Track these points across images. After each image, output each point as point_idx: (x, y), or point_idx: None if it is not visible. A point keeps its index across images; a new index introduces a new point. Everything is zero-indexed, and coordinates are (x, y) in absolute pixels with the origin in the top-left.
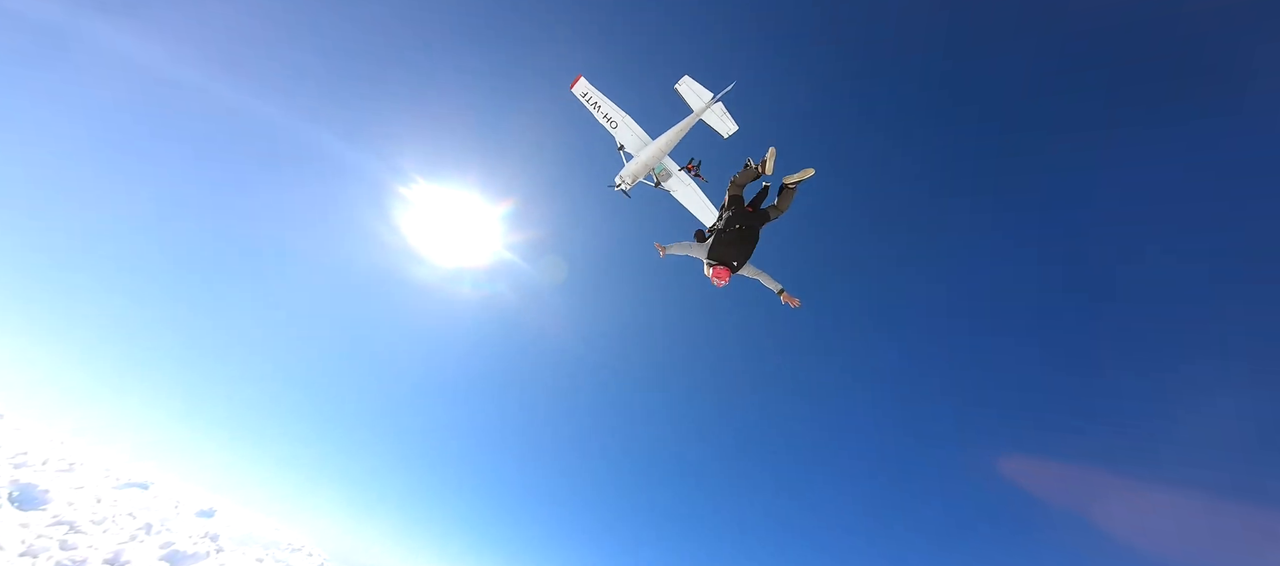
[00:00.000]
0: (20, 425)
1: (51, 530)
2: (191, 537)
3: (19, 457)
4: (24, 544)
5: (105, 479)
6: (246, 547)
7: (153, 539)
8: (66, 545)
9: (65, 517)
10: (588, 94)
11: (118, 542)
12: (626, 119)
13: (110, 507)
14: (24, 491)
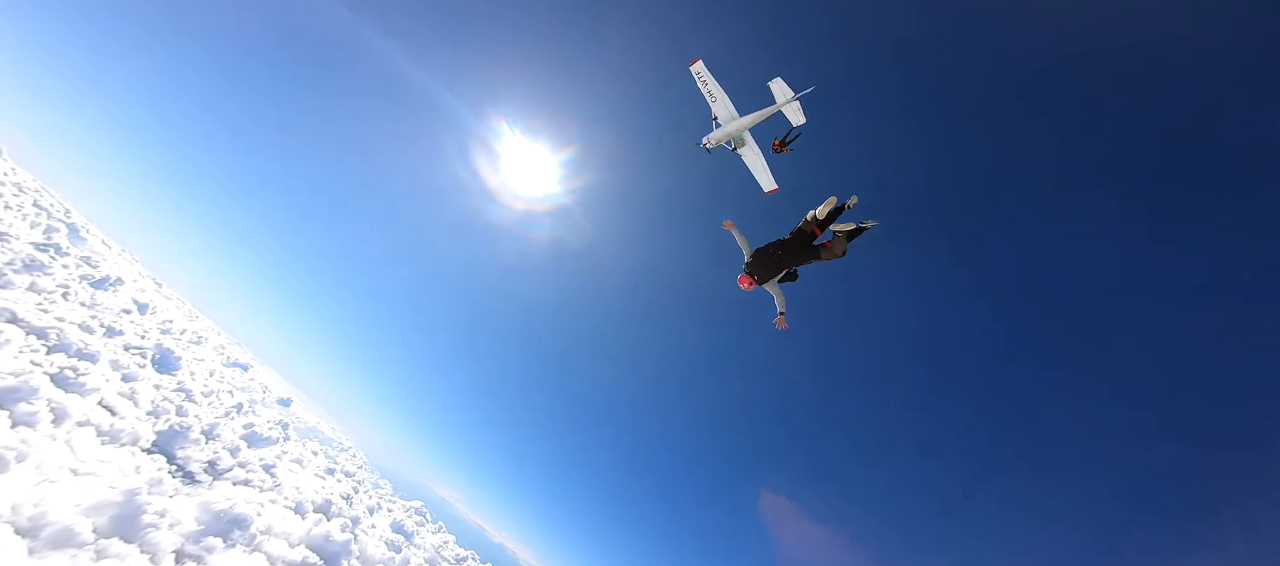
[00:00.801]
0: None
1: (174, 395)
2: (268, 423)
3: (165, 324)
4: (153, 403)
5: (218, 356)
6: (307, 440)
7: (240, 418)
8: (181, 411)
9: (186, 385)
10: (701, 73)
11: (215, 416)
12: (723, 96)
13: (217, 382)
14: (164, 355)
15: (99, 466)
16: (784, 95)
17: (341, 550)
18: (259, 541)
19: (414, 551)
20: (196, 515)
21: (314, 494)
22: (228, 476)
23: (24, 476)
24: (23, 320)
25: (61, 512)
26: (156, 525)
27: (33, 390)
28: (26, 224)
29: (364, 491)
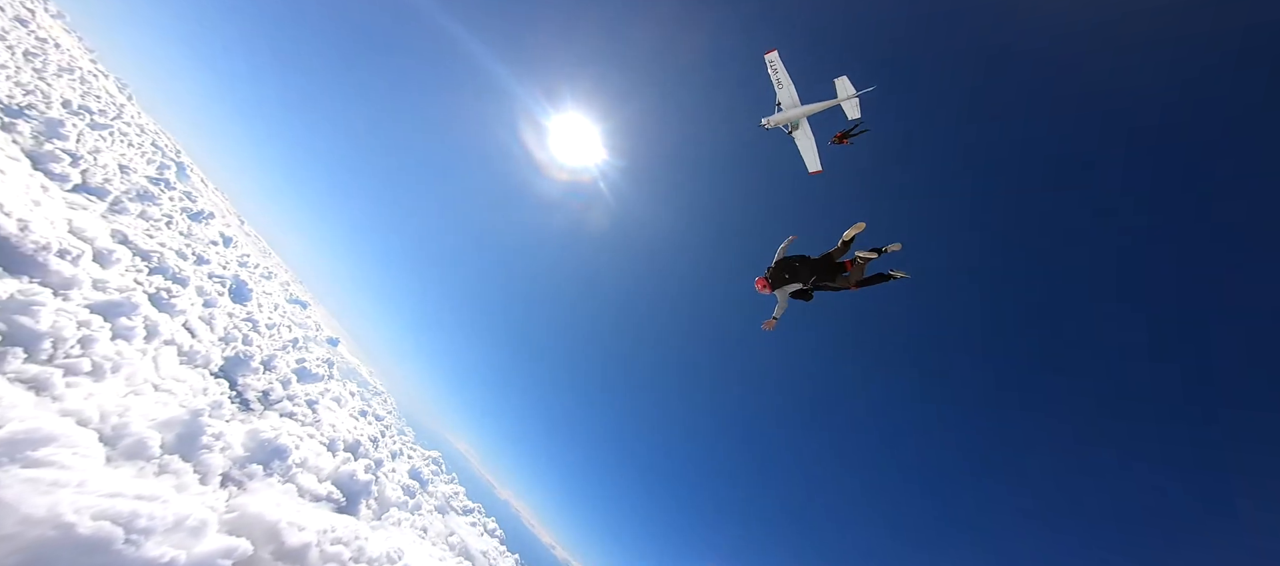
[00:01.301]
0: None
1: (243, 324)
2: (317, 360)
3: (243, 258)
4: (224, 330)
5: (283, 291)
6: (346, 381)
7: (293, 353)
8: (247, 339)
9: (253, 316)
10: (774, 62)
11: (274, 348)
12: (790, 84)
13: (279, 316)
14: (239, 286)
15: (175, 384)
16: (846, 91)
17: (363, 490)
18: (293, 473)
19: (426, 498)
20: (245, 441)
21: (347, 433)
22: (277, 407)
23: (115, 387)
24: (132, 242)
25: (139, 425)
26: (211, 447)
27: (133, 306)
28: (144, 160)
29: (389, 436)
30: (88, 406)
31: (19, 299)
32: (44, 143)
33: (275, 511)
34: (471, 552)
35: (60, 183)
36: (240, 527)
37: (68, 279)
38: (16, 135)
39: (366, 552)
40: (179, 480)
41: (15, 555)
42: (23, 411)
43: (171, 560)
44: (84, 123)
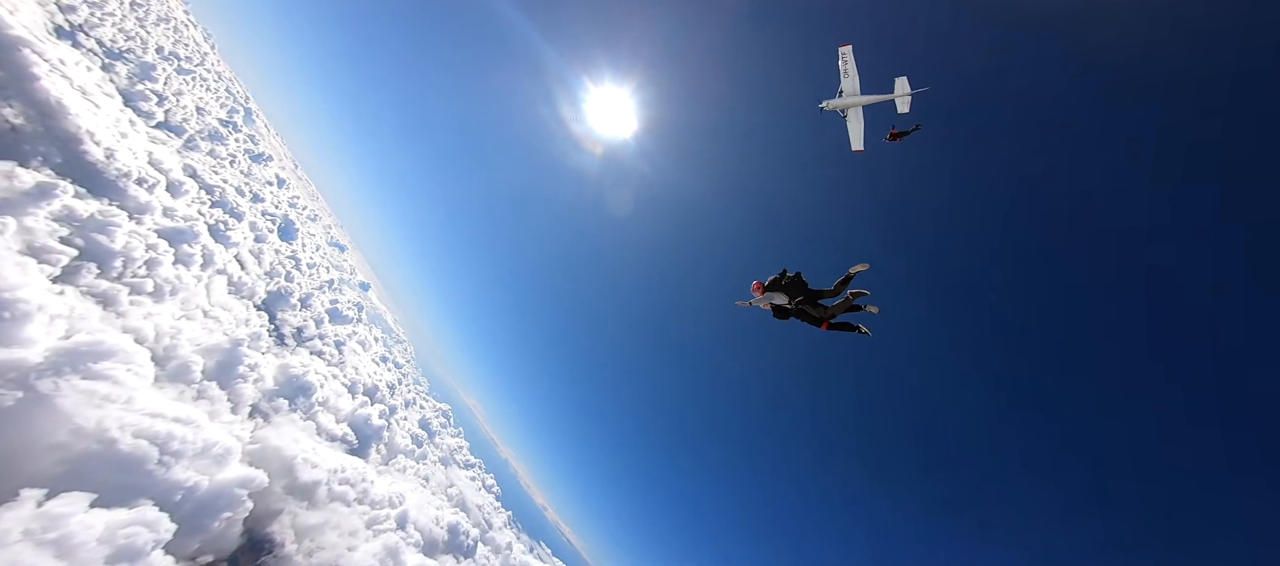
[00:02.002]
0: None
1: (287, 261)
2: (349, 303)
3: (294, 199)
4: (269, 265)
5: (325, 234)
6: (373, 326)
7: (328, 294)
8: (289, 276)
9: (297, 254)
10: (846, 55)
11: (311, 287)
12: (855, 76)
13: (319, 257)
14: (287, 225)
15: (222, 312)
16: (903, 90)
17: (375, 434)
18: (315, 411)
19: (432, 449)
20: (276, 375)
21: (367, 377)
22: (308, 344)
23: (171, 309)
24: (200, 176)
25: (186, 349)
26: (246, 377)
27: (195, 235)
28: (218, 103)
29: (405, 385)
30: (146, 325)
31: (98, 219)
32: (137, 83)
33: (293, 447)
34: (468, 505)
35: (146, 119)
36: (260, 459)
37: (142, 205)
38: (114, 75)
39: (370, 495)
40: (213, 407)
41: (60, 466)
42: (90, 324)
43: (195, 485)
44: (172, 67)
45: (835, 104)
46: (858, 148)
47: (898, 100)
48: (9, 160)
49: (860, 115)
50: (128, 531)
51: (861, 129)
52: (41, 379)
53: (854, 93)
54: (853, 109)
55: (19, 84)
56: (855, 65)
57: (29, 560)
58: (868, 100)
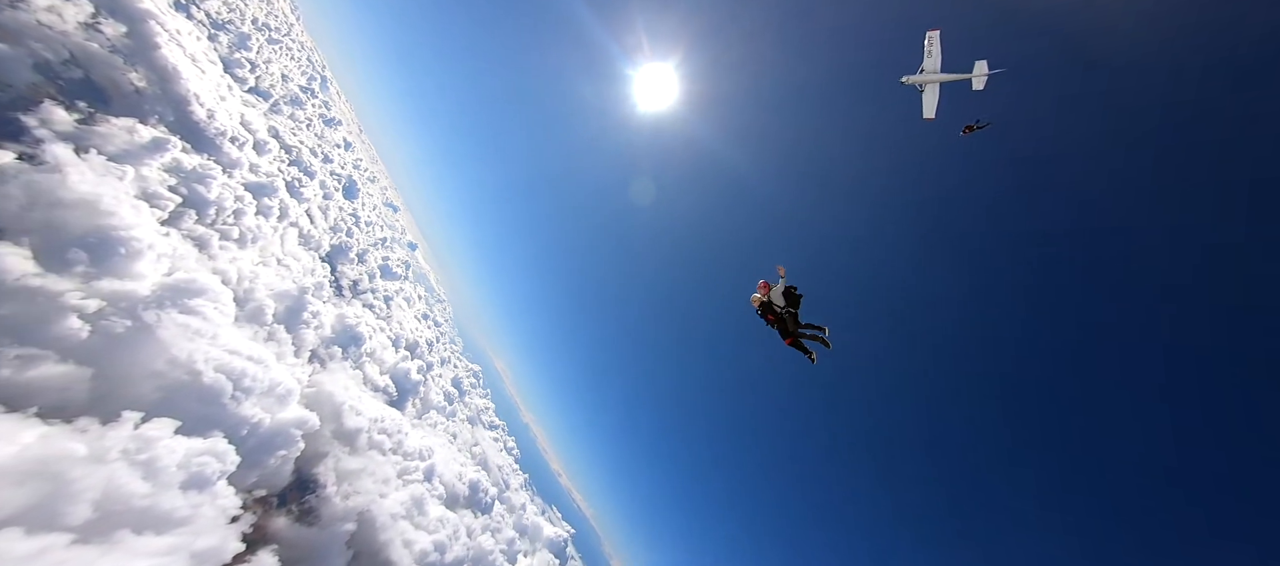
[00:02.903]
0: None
1: (348, 218)
2: (398, 261)
3: (357, 161)
4: (334, 221)
5: (382, 195)
6: (418, 284)
7: (380, 250)
8: (349, 233)
9: (358, 213)
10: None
11: (366, 244)
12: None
13: (375, 216)
14: (350, 185)
15: (293, 261)
16: (981, 70)
17: (412, 389)
18: (362, 360)
19: (461, 407)
20: (333, 323)
21: (410, 332)
22: (361, 297)
23: (251, 255)
24: (281, 137)
25: (262, 293)
26: (309, 323)
27: (274, 190)
28: (299, 71)
29: (442, 343)
30: (231, 268)
31: (199, 171)
32: (235, 51)
33: (343, 393)
34: (490, 465)
35: (240, 84)
36: (314, 402)
37: (233, 160)
38: (217, 44)
39: (404, 446)
40: (279, 348)
41: (156, 392)
42: (188, 263)
43: (259, 421)
44: (264, 37)
45: (915, 79)
46: (929, 116)
47: (975, 80)
48: (132, 117)
49: (937, 90)
50: (200, 460)
51: (936, 102)
52: (147, 310)
53: (935, 71)
54: (931, 85)
55: (145, 52)
56: (939, 48)
57: (123, 478)
58: (947, 77)
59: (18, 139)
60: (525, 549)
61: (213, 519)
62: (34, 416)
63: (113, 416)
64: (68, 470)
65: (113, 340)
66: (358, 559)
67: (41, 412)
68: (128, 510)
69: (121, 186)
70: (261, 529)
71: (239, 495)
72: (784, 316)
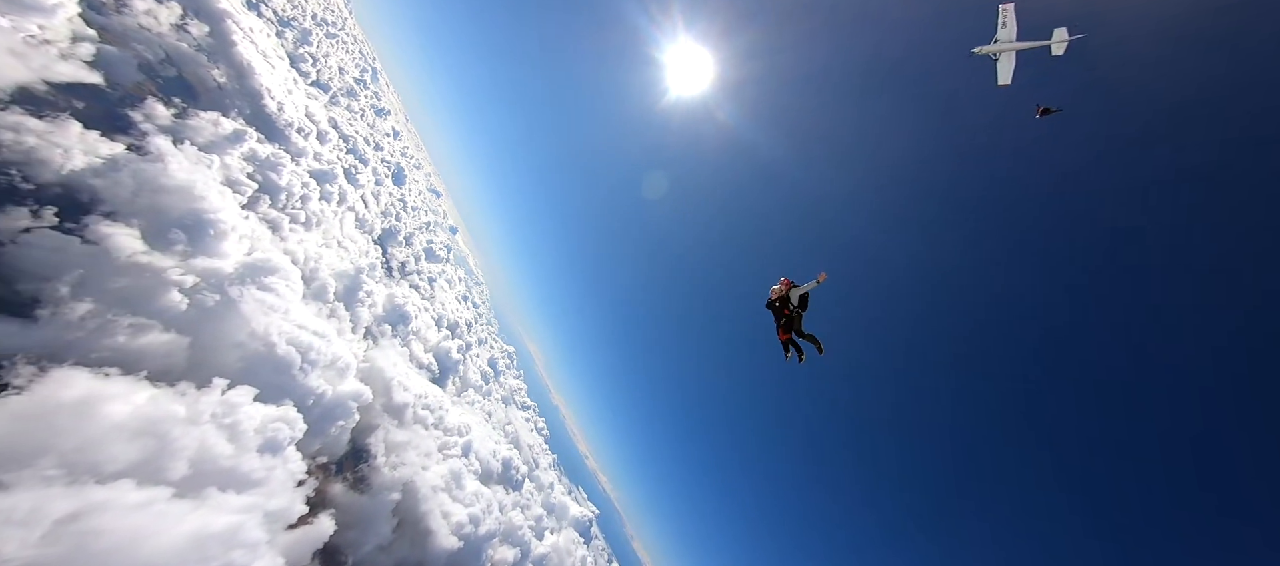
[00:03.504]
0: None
1: (397, 203)
2: (441, 244)
3: (405, 149)
4: (385, 205)
5: (426, 181)
6: (458, 266)
7: (424, 234)
8: (398, 217)
9: (406, 198)
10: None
11: (414, 227)
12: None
13: (420, 201)
14: (398, 172)
15: (350, 243)
16: (1060, 37)
17: (453, 366)
18: (410, 338)
19: (496, 387)
20: (384, 302)
21: (451, 313)
22: (408, 278)
23: (315, 237)
24: (339, 127)
25: (325, 272)
26: (364, 301)
27: (334, 176)
28: (354, 64)
29: (480, 324)
30: (299, 249)
31: (271, 160)
32: (299, 46)
33: (392, 369)
34: (521, 444)
35: (304, 77)
36: (368, 376)
37: (300, 149)
38: (284, 40)
39: (444, 422)
40: (339, 325)
41: (239, 361)
42: (264, 244)
43: (321, 392)
44: (323, 32)
45: (988, 49)
46: (1005, 82)
47: (1054, 46)
48: (216, 111)
49: (1013, 58)
50: (274, 426)
51: (1012, 69)
52: (232, 286)
53: (1010, 40)
54: (1006, 53)
55: (224, 49)
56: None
57: (212, 440)
58: (1022, 46)
59: (127, 131)
60: (552, 526)
61: (283, 482)
62: (144, 379)
63: (205, 382)
64: (170, 430)
65: (205, 312)
66: (401, 527)
67: (150, 376)
68: (215, 469)
69: (210, 174)
70: (322, 493)
71: (305, 461)
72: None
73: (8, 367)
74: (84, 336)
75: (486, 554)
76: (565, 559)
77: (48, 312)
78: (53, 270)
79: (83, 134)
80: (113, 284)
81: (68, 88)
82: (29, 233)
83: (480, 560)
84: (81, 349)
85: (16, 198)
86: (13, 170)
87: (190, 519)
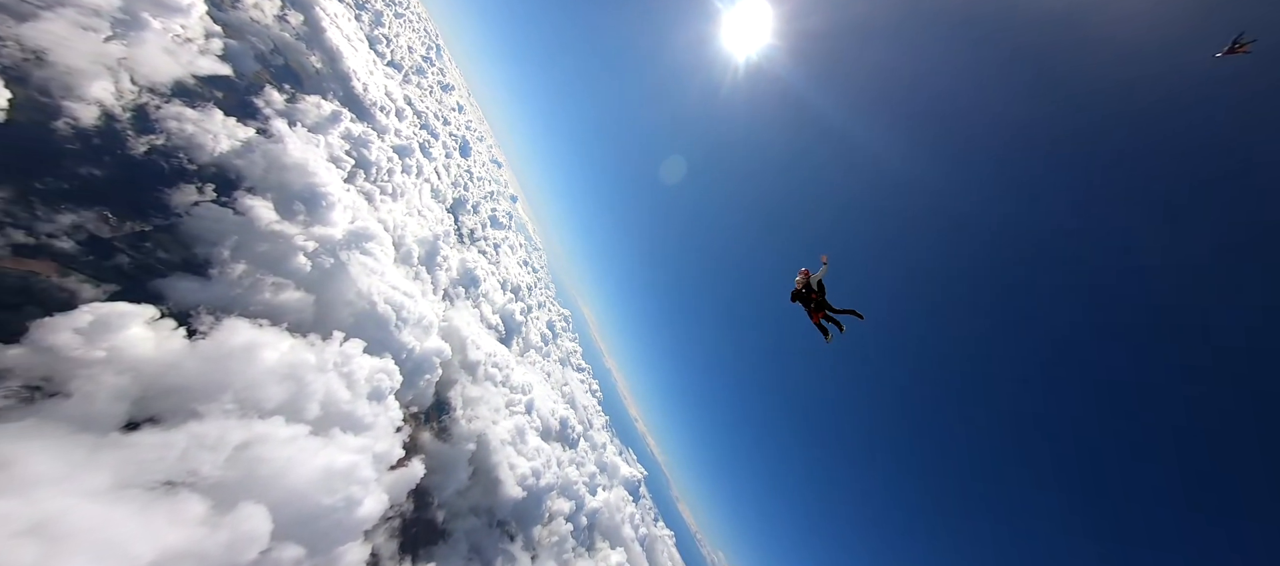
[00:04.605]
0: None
1: (464, 174)
2: (504, 212)
3: (469, 123)
4: (454, 176)
5: (488, 153)
6: (518, 233)
7: (489, 202)
8: (466, 187)
9: (472, 169)
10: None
11: (479, 196)
12: None
13: (484, 172)
14: (464, 144)
15: (427, 212)
16: None
17: (516, 328)
18: (480, 300)
19: (554, 348)
20: (458, 266)
21: (514, 277)
22: (477, 244)
23: (401, 207)
24: (413, 103)
25: (409, 239)
26: (442, 266)
27: (412, 151)
28: (420, 42)
29: (539, 288)
30: (389, 218)
31: (363, 136)
32: (375, 28)
33: (467, 328)
34: (577, 404)
35: (381, 58)
36: (447, 335)
37: (384, 126)
38: (362, 22)
39: (510, 380)
40: (423, 287)
41: (350, 317)
42: (362, 213)
43: (412, 348)
44: (391, 11)
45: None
46: None
47: None
48: (317, 94)
49: None
50: (378, 376)
51: None
52: (341, 251)
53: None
54: None
55: (317, 36)
56: None
57: (335, 386)
58: None
59: (254, 117)
60: (604, 483)
61: (386, 427)
62: (285, 330)
63: (328, 334)
64: (305, 375)
65: (324, 273)
66: (475, 474)
67: (289, 327)
68: (338, 412)
69: (318, 152)
70: (414, 440)
71: (401, 409)
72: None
73: (195, 316)
74: (242, 292)
75: (546, 504)
76: (615, 514)
77: (216, 272)
78: (217, 237)
79: (224, 120)
80: (258, 248)
81: (209, 80)
82: (198, 206)
83: (541, 509)
84: (242, 303)
85: (186, 177)
86: (181, 154)
87: (322, 455)
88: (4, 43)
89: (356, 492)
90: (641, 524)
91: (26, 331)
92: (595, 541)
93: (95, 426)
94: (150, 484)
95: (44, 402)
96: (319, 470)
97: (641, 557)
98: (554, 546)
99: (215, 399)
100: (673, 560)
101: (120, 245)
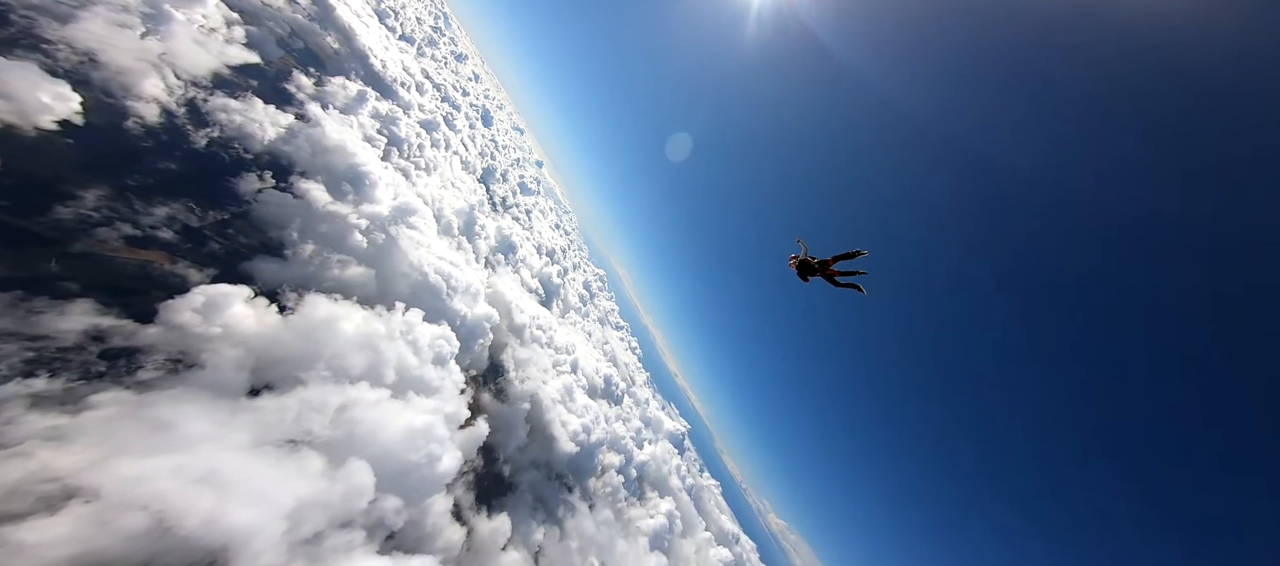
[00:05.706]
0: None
1: (489, 144)
2: (531, 178)
3: (487, 92)
4: (480, 147)
5: (509, 120)
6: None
7: (516, 169)
8: (493, 156)
9: (496, 138)
10: None
11: (507, 164)
12: None
13: (509, 140)
14: (486, 114)
15: (459, 184)
16: None
17: (555, 290)
18: (519, 266)
19: (592, 308)
20: (495, 234)
21: (548, 240)
22: (510, 211)
23: (435, 180)
24: (432, 77)
25: (448, 211)
26: (480, 234)
27: (437, 125)
28: (428, 13)
29: (573, 250)
30: (426, 192)
31: (391, 114)
32: (382, 2)
33: (510, 293)
34: (618, 362)
35: (392, 33)
36: (493, 300)
37: (407, 102)
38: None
39: (555, 341)
40: (466, 255)
41: (408, 288)
42: (401, 189)
43: (464, 315)
44: None
45: None
46: None
47: None
48: (340, 76)
49: None
50: (438, 343)
51: None
52: (391, 226)
53: None
54: None
55: (327, 15)
56: None
57: (404, 352)
58: None
59: (290, 103)
60: (650, 437)
61: (451, 390)
62: (356, 303)
63: (391, 305)
64: (379, 343)
65: (379, 249)
66: (532, 432)
67: (359, 300)
68: (410, 377)
69: (353, 133)
70: (476, 401)
71: (462, 372)
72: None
73: (281, 294)
74: (315, 270)
75: (598, 457)
76: (662, 466)
77: (290, 253)
78: (283, 220)
79: (264, 108)
80: (320, 228)
81: (241, 69)
82: (261, 192)
83: (594, 462)
84: (316, 280)
85: (246, 165)
86: (236, 144)
87: (403, 416)
88: (57, 46)
89: (436, 449)
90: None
91: (157, 313)
92: (645, 491)
93: (228, 392)
94: (278, 442)
95: (186, 373)
96: (403, 429)
97: (690, 505)
98: (608, 497)
99: (312, 367)
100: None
101: (209, 232)
